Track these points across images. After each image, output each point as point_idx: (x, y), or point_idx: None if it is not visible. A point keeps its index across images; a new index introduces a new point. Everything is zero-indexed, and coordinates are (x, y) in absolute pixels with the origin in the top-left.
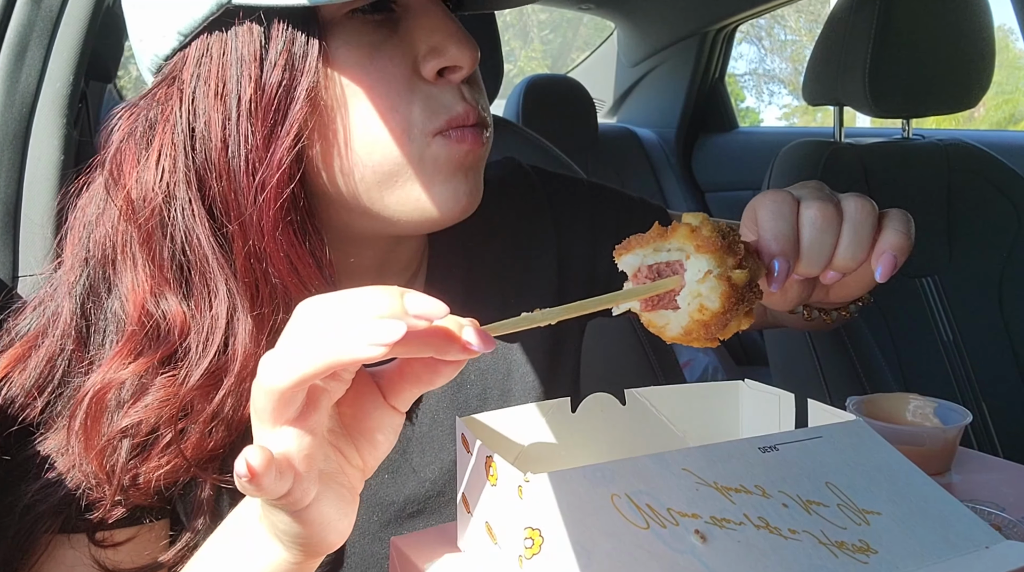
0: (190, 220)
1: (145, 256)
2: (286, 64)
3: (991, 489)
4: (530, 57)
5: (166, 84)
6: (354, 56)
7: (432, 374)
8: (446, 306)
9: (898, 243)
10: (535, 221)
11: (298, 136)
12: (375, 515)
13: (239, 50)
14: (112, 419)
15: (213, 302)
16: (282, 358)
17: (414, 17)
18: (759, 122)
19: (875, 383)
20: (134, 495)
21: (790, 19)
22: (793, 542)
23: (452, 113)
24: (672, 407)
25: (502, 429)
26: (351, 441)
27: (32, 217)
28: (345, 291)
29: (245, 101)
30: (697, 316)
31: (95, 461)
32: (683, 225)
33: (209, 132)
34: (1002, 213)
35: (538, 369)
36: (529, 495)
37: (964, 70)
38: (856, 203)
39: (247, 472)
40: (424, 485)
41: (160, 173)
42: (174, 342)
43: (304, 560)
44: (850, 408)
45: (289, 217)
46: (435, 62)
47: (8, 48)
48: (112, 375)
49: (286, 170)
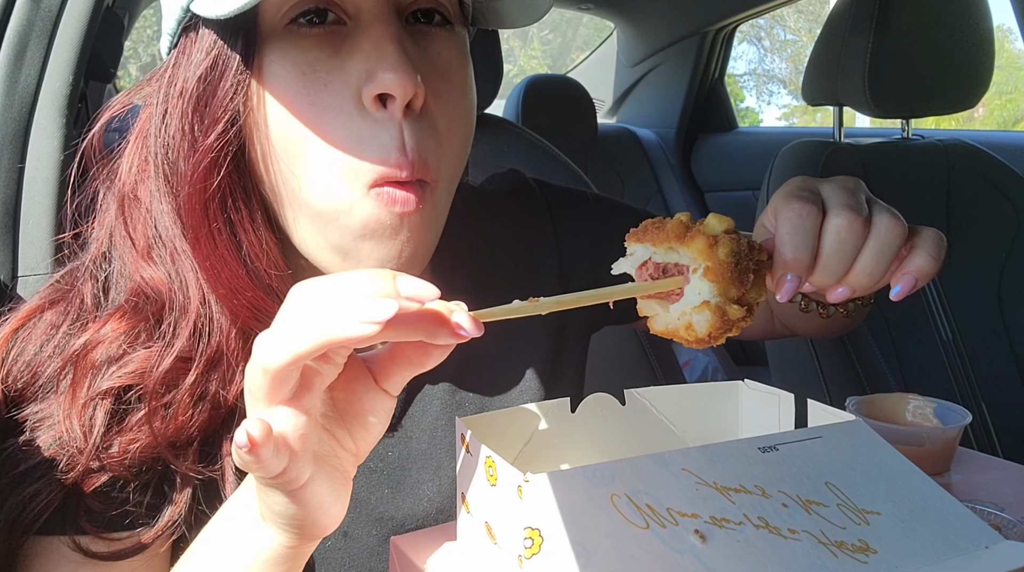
0: (156, 209)
1: (128, 234)
2: (212, 65)
3: (991, 489)
4: (530, 56)
5: (150, 82)
6: (286, 75)
7: (423, 357)
8: (437, 289)
9: (925, 269)
10: (538, 234)
11: (222, 135)
12: (374, 530)
13: (196, 54)
14: (95, 381)
15: (184, 287)
16: (277, 337)
17: (358, 34)
18: (759, 122)
19: (875, 383)
20: (109, 462)
21: (790, 19)
22: (793, 542)
23: (386, 164)
24: (672, 407)
25: (502, 429)
26: (344, 425)
27: (32, 217)
28: (338, 274)
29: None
30: (683, 331)
31: (76, 416)
32: (704, 235)
33: (169, 124)
34: (1001, 213)
35: (538, 388)
36: (529, 495)
37: (963, 70)
38: (887, 222)
39: (247, 442)
40: (423, 502)
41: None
42: (157, 310)
43: (299, 544)
44: (850, 408)
45: (215, 222)
46: (368, 88)
47: (7, 48)
48: (97, 335)
49: (207, 170)
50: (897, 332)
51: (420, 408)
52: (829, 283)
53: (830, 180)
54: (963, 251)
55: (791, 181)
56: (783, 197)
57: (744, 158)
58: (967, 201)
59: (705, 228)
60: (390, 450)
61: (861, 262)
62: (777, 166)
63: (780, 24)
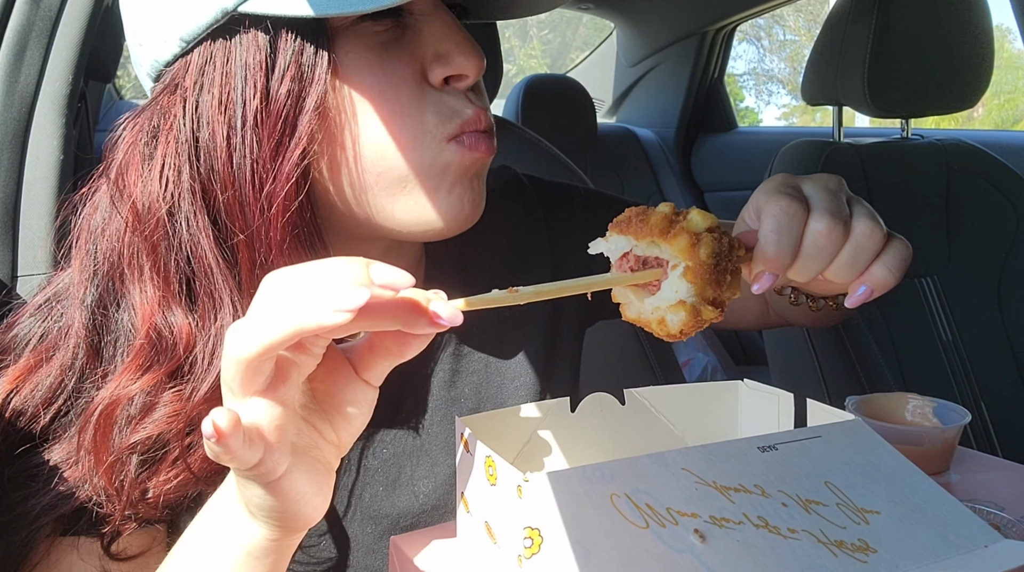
0: (195, 231)
1: (151, 268)
2: (295, 75)
3: (990, 488)
4: (529, 56)
5: (168, 92)
6: (362, 62)
7: (402, 347)
8: (412, 277)
9: (882, 281)
10: (530, 229)
11: (306, 149)
12: (370, 527)
13: (244, 59)
14: (121, 434)
15: (218, 315)
16: (248, 327)
17: (421, 23)
18: (758, 122)
19: (874, 383)
20: (143, 509)
21: (789, 19)
22: (792, 541)
23: (464, 117)
24: (671, 407)
25: (502, 429)
26: (325, 417)
27: (32, 217)
28: (311, 262)
29: (251, 112)
30: (655, 325)
31: (104, 476)
32: (687, 233)
33: (214, 142)
34: (1001, 213)
35: (533, 382)
36: (528, 495)
37: (963, 70)
38: (866, 228)
39: (213, 432)
40: (419, 498)
41: (164, 183)
42: (180, 356)
43: (282, 537)
44: (849, 408)
45: (296, 230)
46: (441, 70)
47: (7, 48)
48: (121, 390)
49: (294, 183)
50: (897, 332)
51: (414, 404)
52: (802, 281)
53: (813, 178)
54: (963, 251)
55: (773, 178)
56: (768, 192)
57: (744, 158)
58: (967, 201)
59: (688, 225)
60: (384, 447)
61: (835, 264)
62: (777, 166)
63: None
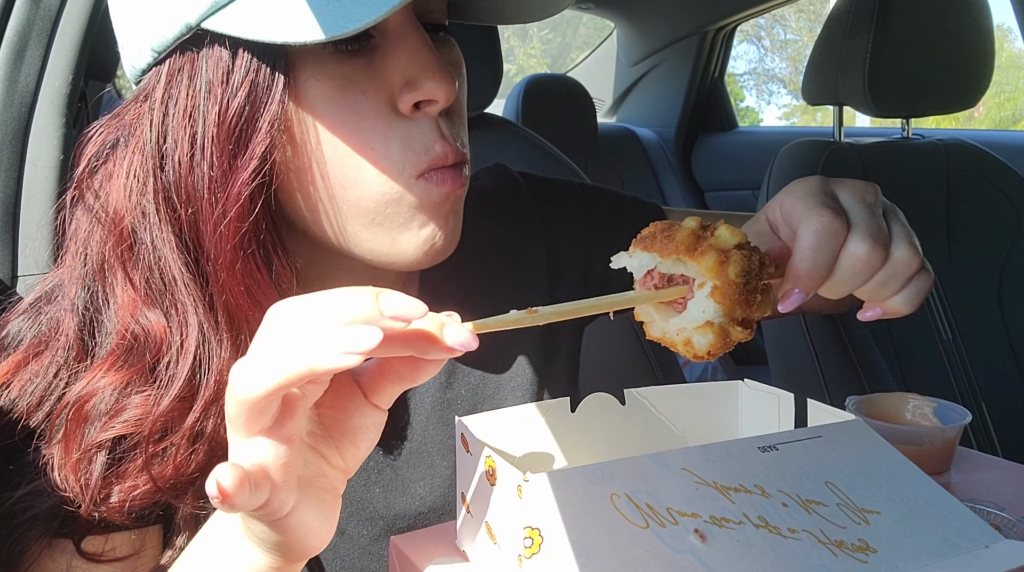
0: (159, 244)
1: (123, 273)
2: (248, 94)
3: (990, 488)
4: (529, 55)
5: (138, 102)
6: (324, 90)
7: (414, 372)
8: (424, 305)
9: (898, 310)
10: (525, 227)
11: (258, 168)
12: (366, 529)
13: (208, 74)
14: (90, 432)
15: (183, 327)
16: (253, 367)
17: (389, 47)
18: (759, 122)
19: (874, 383)
20: (108, 512)
21: (790, 19)
22: (793, 541)
23: (432, 154)
24: (672, 407)
25: (502, 429)
26: (332, 442)
27: (32, 216)
28: (318, 293)
29: (209, 125)
30: (680, 346)
31: (71, 471)
32: (715, 250)
33: (177, 153)
34: (1002, 213)
35: (531, 382)
36: (528, 495)
37: (963, 70)
38: (906, 256)
39: (218, 493)
40: (415, 501)
41: (128, 192)
42: (153, 356)
43: (285, 565)
44: (850, 408)
45: (251, 249)
46: (410, 96)
47: (7, 47)
48: (93, 384)
49: (245, 201)
50: (897, 332)
51: (411, 406)
52: (829, 298)
53: (849, 186)
54: (963, 251)
55: (807, 181)
56: (805, 200)
57: (744, 157)
58: (967, 201)
59: (716, 242)
60: (381, 448)
61: (867, 286)
62: (777, 165)
63: (780, 24)
